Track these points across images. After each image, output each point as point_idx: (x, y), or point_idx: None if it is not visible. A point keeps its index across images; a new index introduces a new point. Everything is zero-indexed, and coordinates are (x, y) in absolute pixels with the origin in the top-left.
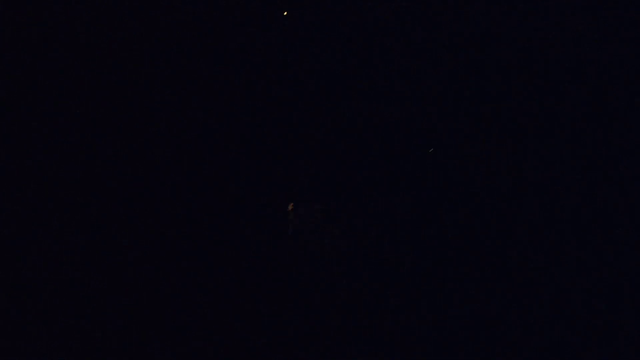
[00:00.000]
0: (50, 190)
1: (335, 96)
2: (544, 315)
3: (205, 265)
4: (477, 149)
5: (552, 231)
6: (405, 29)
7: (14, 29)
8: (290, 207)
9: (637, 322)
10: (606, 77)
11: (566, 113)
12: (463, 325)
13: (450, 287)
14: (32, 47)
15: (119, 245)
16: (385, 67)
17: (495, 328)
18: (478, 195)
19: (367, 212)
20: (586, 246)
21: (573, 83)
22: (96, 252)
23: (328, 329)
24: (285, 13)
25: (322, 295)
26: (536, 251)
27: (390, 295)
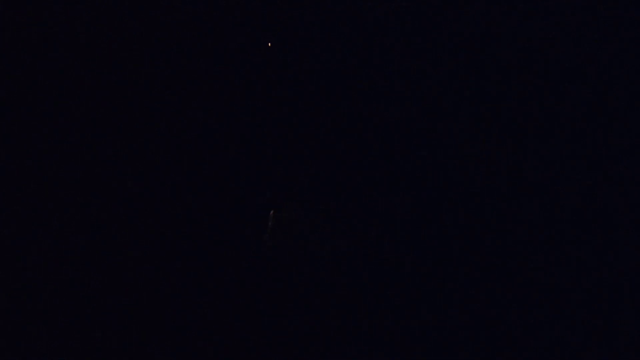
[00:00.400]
0: (50, 190)
1: (335, 96)
2: (544, 315)
3: (205, 265)
4: (477, 149)
5: (552, 231)
6: (405, 29)
7: (14, 29)
8: (271, 213)
9: (637, 322)
10: (606, 77)
11: (566, 113)
12: (463, 325)
13: (450, 287)
14: (32, 47)
15: (119, 245)
16: (386, 67)
17: (495, 328)
18: (478, 195)
19: (367, 212)
20: (586, 246)
21: (573, 83)
22: (96, 252)
23: (328, 329)
24: (270, 44)
25: (322, 295)
26: (536, 251)
27: (390, 295)
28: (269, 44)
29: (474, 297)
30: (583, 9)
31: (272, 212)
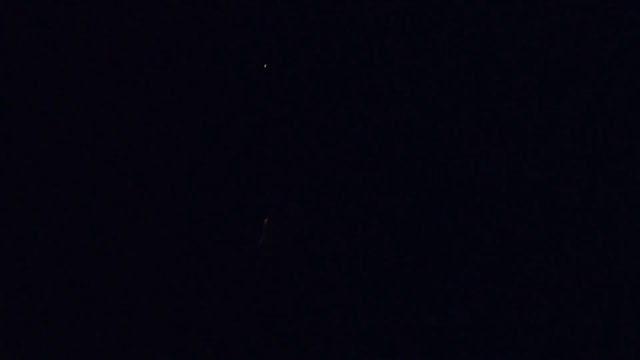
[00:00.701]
0: (50, 190)
1: (335, 96)
2: (544, 315)
3: (205, 265)
4: (477, 149)
5: (552, 231)
6: (405, 29)
7: (14, 29)
8: (265, 221)
9: (637, 322)
10: (606, 77)
11: (566, 113)
12: (463, 325)
13: (450, 287)
14: (32, 47)
15: (119, 245)
16: (385, 67)
17: (496, 328)
18: (478, 195)
19: (367, 212)
20: (586, 246)
21: (573, 83)
22: (96, 252)
23: (328, 329)
24: (265, 65)
25: (322, 295)
26: (536, 251)
27: (390, 295)
28: (265, 66)
29: (474, 297)
30: (583, 9)
31: (266, 220)
